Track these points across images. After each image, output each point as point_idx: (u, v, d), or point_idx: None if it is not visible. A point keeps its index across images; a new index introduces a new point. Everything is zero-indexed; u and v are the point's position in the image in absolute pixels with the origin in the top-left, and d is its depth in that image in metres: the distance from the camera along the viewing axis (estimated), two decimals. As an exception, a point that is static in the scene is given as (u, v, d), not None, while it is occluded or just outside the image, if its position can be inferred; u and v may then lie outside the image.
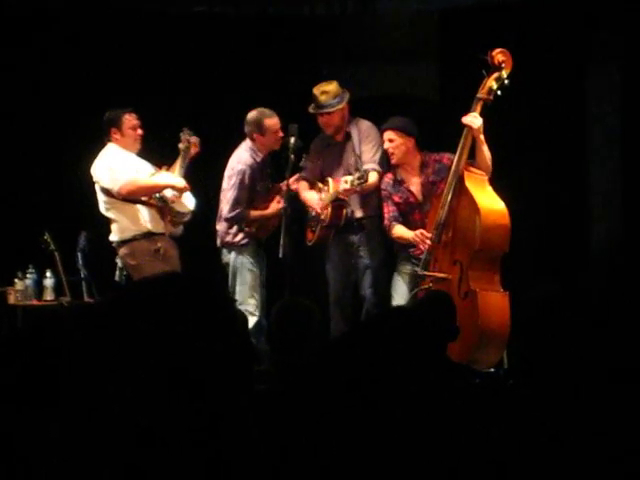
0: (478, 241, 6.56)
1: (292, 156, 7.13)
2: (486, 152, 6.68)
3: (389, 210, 7.05)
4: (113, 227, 6.98)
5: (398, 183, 7.06)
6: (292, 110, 7.56)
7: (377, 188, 7.13)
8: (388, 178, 7.11)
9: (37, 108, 8.24)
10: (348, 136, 7.30)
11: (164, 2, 8.47)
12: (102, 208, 7.01)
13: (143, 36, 8.43)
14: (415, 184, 7.04)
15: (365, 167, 7.10)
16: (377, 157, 7.20)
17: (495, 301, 6.56)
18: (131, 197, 6.90)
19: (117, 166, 6.90)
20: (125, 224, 6.92)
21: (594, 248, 8.25)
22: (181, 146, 7.08)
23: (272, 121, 7.25)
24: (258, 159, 7.30)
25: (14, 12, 8.21)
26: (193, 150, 7.10)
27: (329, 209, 7.23)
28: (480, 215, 6.54)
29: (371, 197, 7.23)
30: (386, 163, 7.21)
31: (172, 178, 7.00)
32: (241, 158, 7.30)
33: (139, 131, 7.02)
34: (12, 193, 8.21)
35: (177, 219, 7.05)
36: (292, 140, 7.11)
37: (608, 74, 8.18)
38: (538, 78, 7.86)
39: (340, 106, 7.21)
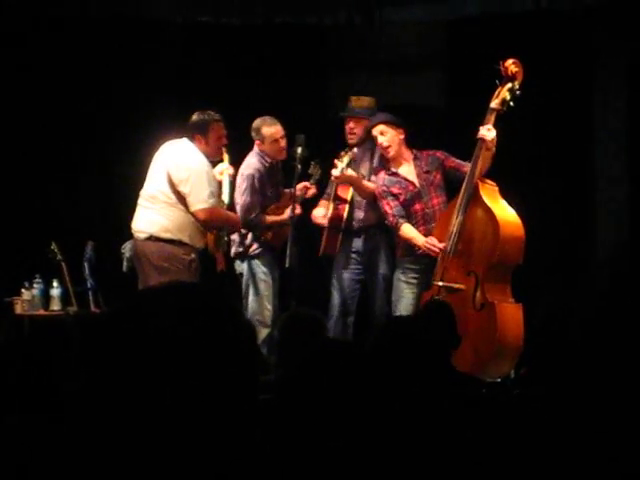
0: (497, 253, 6.57)
1: (299, 166, 7.14)
2: (488, 160, 6.71)
3: (391, 206, 7.04)
4: (152, 219, 6.74)
5: (394, 175, 7.09)
6: (299, 120, 7.57)
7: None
8: (382, 174, 7.13)
9: (43, 117, 8.27)
10: (367, 146, 7.34)
11: (169, 12, 8.48)
12: (156, 197, 6.76)
13: (149, 45, 8.45)
14: (410, 173, 7.08)
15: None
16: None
17: (512, 313, 6.56)
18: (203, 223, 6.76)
19: (203, 183, 6.67)
20: (169, 225, 6.70)
21: (600, 258, 8.23)
22: (227, 171, 7.16)
23: (271, 130, 7.24)
24: (267, 164, 7.28)
25: (15, 15, 8.23)
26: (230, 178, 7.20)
27: (324, 237, 7.29)
28: (499, 227, 6.56)
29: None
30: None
31: (235, 215, 7.08)
32: (249, 164, 7.29)
33: (224, 140, 6.91)
34: (19, 203, 8.23)
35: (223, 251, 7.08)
36: (299, 150, 7.12)
37: (614, 82, 8.18)
38: (544, 86, 7.87)
39: (369, 117, 7.26)
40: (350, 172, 7.13)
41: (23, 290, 7.78)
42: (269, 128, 7.25)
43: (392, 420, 2.30)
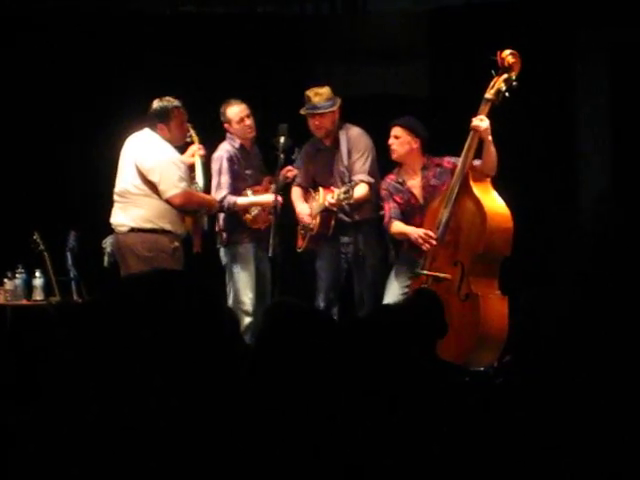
0: (483, 244, 6.56)
1: (282, 155, 7.14)
2: (493, 153, 6.68)
3: (390, 207, 7.04)
4: (130, 212, 6.75)
5: (400, 184, 7.07)
6: (282, 110, 7.56)
7: (368, 198, 7.16)
8: (390, 179, 7.12)
9: (26, 108, 8.24)
10: (337, 142, 7.33)
11: (152, 2, 8.46)
12: (130, 192, 6.76)
13: (132, 36, 8.42)
14: (416, 186, 7.06)
15: (354, 178, 7.15)
16: (367, 166, 7.24)
17: (496, 305, 6.56)
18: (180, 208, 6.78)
19: (171, 169, 6.71)
20: (149, 215, 6.71)
21: (585, 248, 8.25)
22: (199, 152, 7.17)
23: (235, 110, 7.33)
24: (236, 145, 7.34)
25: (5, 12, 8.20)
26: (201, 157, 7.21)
27: (317, 219, 7.28)
28: (486, 218, 6.55)
29: (367, 200, 7.24)
30: (378, 169, 7.25)
31: (210, 196, 7.10)
32: (219, 147, 7.37)
33: (186, 126, 6.96)
34: (2, 193, 8.20)
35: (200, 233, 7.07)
36: (282, 140, 7.11)
37: (596, 71, 8.20)
38: (527, 76, 7.87)
39: (332, 108, 7.26)
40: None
41: (5, 280, 7.76)
42: (233, 108, 7.34)
43: (375, 406, 2.31)
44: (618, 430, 2.63)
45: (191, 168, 7.10)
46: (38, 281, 7.75)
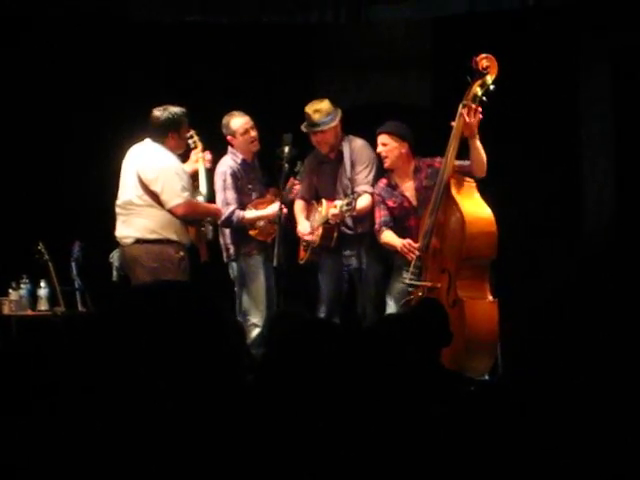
0: (465, 250, 6.54)
1: (286, 165, 7.14)
2: (480, 153, 6.64)
3: (380, 215, 7.06)
4: (134, 223, 6.74)
5: (392, 188, 7.08)
6: (286, 119, 7.57)
7: (371, 209, 7.15)
8: (382, 183, 7.13)
9: (31, 118, 8.25)
10: (341, 155, 7.32)
11: (157, 11, 8.47)
12: (133, 203, 6.76)
13: (136, 45, 8.44)
14: (409, 189, 7.06)
15: (357, 189, 7.13)
16: (370, 178, 7.25)
17: (483, 309, 6.54)
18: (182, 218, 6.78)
19: (173, 179, 6.71)
20: (153, 226, 6.72)
21: (586, 251, 8.26)
22: (205, 157, 7.18)
23: (240, 121, 7.32)
24: (238, 160, 7.34)
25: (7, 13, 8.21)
26: (208, 165, 7.22)
27: (320, 230, 7.27)
28: (466, 223, 6.53)
29: (370, 213, 7.23)
30: (379, 172, 7.24)
31: (214, 205, 7.11)
32: (222, 162, 7.36)
33: (190, 131, 7.03)
34: (6, 203, 8.21)
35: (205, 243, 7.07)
36: (286, 149, 7.11)
37: (599, 78, 8.21)
38: (530, 85, 7.90)
39: (333, 124, 7.24)
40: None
41: (10, 290, 7.77)
42: (237, 120, 7.33)
43: (379, 415, 2.31)
44: (621, 433, 2.63)
45: (194, 176, 7.11)
46: (43, 291, 7.76)
